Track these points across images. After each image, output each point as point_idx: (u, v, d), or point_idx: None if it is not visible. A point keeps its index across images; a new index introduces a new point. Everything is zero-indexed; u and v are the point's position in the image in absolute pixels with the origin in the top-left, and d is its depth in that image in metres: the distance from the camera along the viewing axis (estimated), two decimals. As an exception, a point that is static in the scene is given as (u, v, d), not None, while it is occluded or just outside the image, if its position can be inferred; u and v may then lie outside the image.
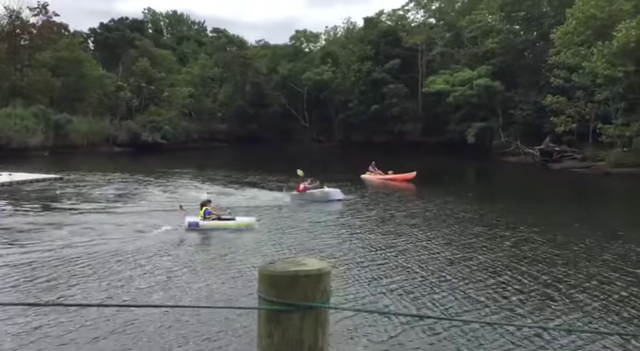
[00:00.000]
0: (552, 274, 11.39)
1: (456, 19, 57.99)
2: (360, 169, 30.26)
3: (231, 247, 13.48)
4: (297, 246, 13.75)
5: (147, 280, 10.41)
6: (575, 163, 38.93)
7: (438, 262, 12.07)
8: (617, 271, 11.73)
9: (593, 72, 36.26)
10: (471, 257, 12.67)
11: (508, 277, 11.10)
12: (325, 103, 63.49)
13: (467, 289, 10.03)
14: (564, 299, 9.75)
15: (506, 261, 12.35)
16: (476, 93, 46.79)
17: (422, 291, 9.93)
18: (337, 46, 68.63)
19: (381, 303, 9.18)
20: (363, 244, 13.92)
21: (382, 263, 11.97)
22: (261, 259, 12.08)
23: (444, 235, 15.26)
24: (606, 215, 19.66)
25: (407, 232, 15.71)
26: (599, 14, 37.57)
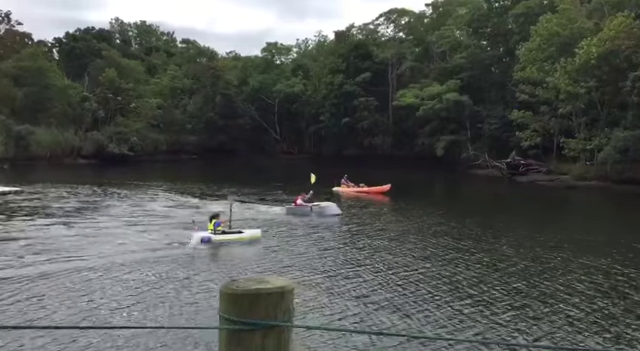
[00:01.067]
0: (520, 287, 11.46)
1: (424, 34, 59.14)
2: (332, 182, 30.26)
3: (206, 263, 13.14)
4: (262, 262, 13.52)
5: (105, 300, 9.78)
6: (540, 176, 39.85)
7: (408, 278, 11.89)
8: (583, 282, 11.89)
9: (556, 87, 37.34)
10: (441, 272, 12.64)
11: (480, 291, 11.10)
12: (296, 115, 63.59)
13: (434, 306, 9.87)
14: (532, 311, 9.79)
15: (478, 275, 12.35)
16: (445, 107, 47.58)
17: (391, 307, 9.72)
18: (308, 59, 69.09)
19: (349, 320, 8.92)
20: (335, 260, 13.73)
21: (353, 279, 11.77)
22: (226, 274, 11.82)
23: (416, 249, 15.18)
24: (571, 227, 20.05)
25: (380, 246, 15.60)
26: (562, 32, 38.82)
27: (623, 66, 34.28)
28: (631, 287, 11.49)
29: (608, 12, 38.52)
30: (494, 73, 50.26)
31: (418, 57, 57.67)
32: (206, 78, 64.67)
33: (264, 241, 15.54)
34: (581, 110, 37.50)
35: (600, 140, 35.16)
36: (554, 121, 39.24)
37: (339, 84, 57.52)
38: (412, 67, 56.79)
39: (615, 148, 33.73)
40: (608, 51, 34.21)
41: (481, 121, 47.32)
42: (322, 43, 72.61)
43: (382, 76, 58.65)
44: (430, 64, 56.16)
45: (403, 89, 53.66)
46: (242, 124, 64.26)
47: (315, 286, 10.98)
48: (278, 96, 63.05)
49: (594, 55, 34.58)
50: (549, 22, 39.55)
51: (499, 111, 45.91)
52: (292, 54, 74.92)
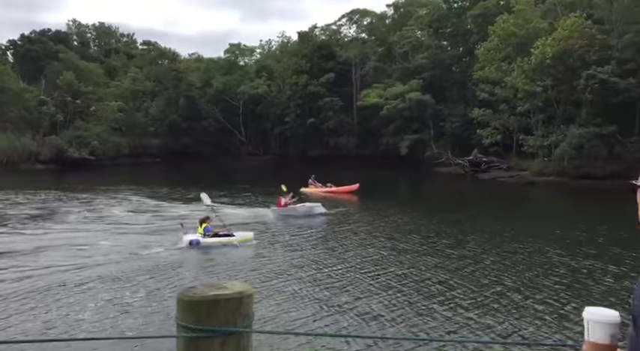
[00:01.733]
0: (488, 283, 11.73)
1: (387, 34, 59.77)
2: (299, 182, 30.25)
3: (174, 269, 12.93)
4: (228, 265, 13.44)
5: (59, 312, 9.44)
6: (501, 173, 40.87)
7: (376, 278, 11.84)
8: (548, 276, 12.28)
9: (514, 86, 38.37)
10: (410, 270, 12.76)
11: (449, 289, 11.30)
12: (261, 116, 63.29)
13: (402, 306, 9.84)
14: (501, 307, 10.05)
15: (446, 273, 12.44)
16: (408, 106, 48.21)
17: (358, 309, 9.64)
18: (272, 60, 68.83)
19: (314, 324, 8.80)
20: (301, 261, 13.72)
21: (319, 280, 11.75)
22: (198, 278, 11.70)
23: (384, 248, 15.21)
24: (532, 223, 20.66)
25: (349, 246, 15.63)
26: (519, 32, 39.91)
27: (576, 65, 35.49)
28: (592, 280, 11.93)
29: (562, 12, 39.81)
30: (455, 72, 51.22)
31: (381, 57, 58.25)
32: (168, 80, 63.63)
33: (244, 245, 15.33)
34: (538, 108, 38.64)
35: (557, 137, 36.31)
36: (513, 118, 40.30)
37: (304, 85, 57.54)
38: (375, 68, 57.32)
39: (571, 144, 34.89)
40: (562, 50, 35.37)
41: (443, 120, 48.17)
42: (286, 43, 72.47)
43: (346, 77, 58.98)
44: (393, 64, 56.81)
45: (367, 89, 54.10)
46: (206, 126, 63.52)
47: (277, 289, 10.90)
48: (242, 97, 62.61)
49: (549, 54, 35.69)
50: (506, 23, 40.61)
51: (460, 109, 46.83)
52: (256, 55, 74.52)
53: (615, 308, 6.15)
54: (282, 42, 73.58)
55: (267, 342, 7.37)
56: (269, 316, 9.01)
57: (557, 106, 38.11)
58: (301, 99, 57.69)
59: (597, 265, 13.09)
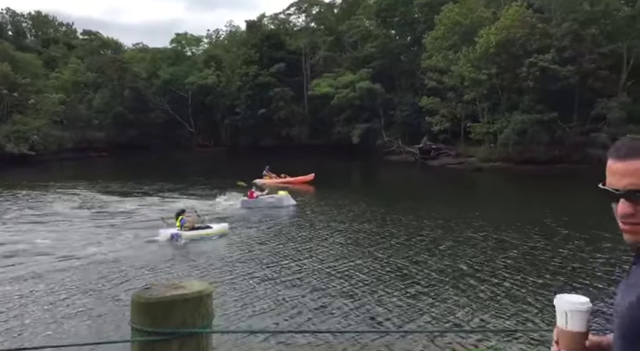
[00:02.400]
0: (444, 268, 12.00)
1: (336, 23, 59.83)
2: (251, 173, 29.91)
3: (126, 267, 12.49)
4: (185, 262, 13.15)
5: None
6: (450, 159, 41.92)
7: (336, 271, 11.73)
8: (500, 259, 12.69)
9: (460, 75, 39.32)
10: (368, 260, 12.86)
11: (406, 277, 11.47)
12: (211, 107, 62.18)
13: (361, 298, 9.80)
14: (461, 294, 10.29)
15: (403, 260, 12.62)
16: (358, 95, 48.55)
17: (318, 303, 9.52)
18: (220, 50, 67.59)
19: (274, 320, 8.64)
20: (261, 256, 13.55)
21: (281, 275, 11.58)
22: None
23: (343, 239, 15.20)
24: (480, 207, 21.29)
25: (306, 237, 15.56)
26: (464, 21, 40.84)
27: (519, 53, 36.69)
28: (543, 261, 12.41)
29: (504, 2, 41.00)
30: (404, 61, 51.92)
31: (331, 46, 58.28)
32: (112, 71, 61.37)
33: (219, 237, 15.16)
34: (484, 96, 39.77)
35: (501, 124, 37.54)
36: (460, 106, 41.32)
37: (254, 75, 56.88)
38: (325, 57, 57.32)
39: (514, 130, 36.17)
40: (505, 39, 36.46)
41: (393, 108, 48.82)
42: (234, 33, 71.32)
43: (296, 66, 58.71)
44: (343, 53, 56.97)
45: (317, 79, 54.07)
46: (154, 118, 61.82)
47: (237, 284, 10.70)
48: (191, 88, 61.25)
49: (493, 43, 36.74)
50: (451, 12, 41.45)
51: (410, 98, 47.58)
52: (203, 45, 72.97)
53: (568, 286, 6.32)
54: (231, 32, 72.46)
55: (228, 341, 7.25)
56: (230, 313, 8.84)
57: (501, 93, 39.34)
58: (251, 89, 57.03)
59: (548, 247, 13.65)
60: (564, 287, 9.84)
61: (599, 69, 35.24)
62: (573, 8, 37.62)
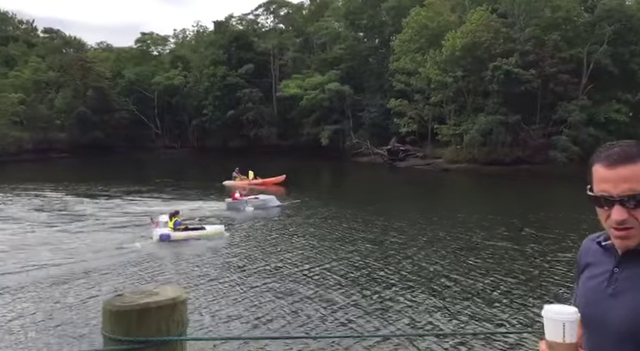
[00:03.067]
0: (415, 270, 12.10)
1: (304, 25, 59.86)
2: (220, 175, 29.56)
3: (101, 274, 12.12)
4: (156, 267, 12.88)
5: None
6: (418, 161, 42.46)
7: (308, 275, 11.63)
8: (470, 259, 12.88)
9: (427, 77, 39.89)
10: (341, 264, 12.85)
11: (376, 281, 11.50)
12: (178, 108, 61.25)
13: (335, 303, 9.73)
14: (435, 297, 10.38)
15: (374, 263, 12.63)
16: (327, 97, 48.69)
17: (292, 308, 9.38)
18: (188, 50, 66.69)
19: (248, 326, 8.50)
20: (233, 261, 13.40)
21: (255, 280, 11.48)
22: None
23: (315, 241, 15.14)
24: (449, 208, 21.61)
25: (279, 241, 15.47)
26: (430, 24, 41.46)
27: (484, 57, 37.47)
28: (509, 262, 12.66)
29: (469, 6, 41.81)
30: (372, 63, 52.34)
31: (299, 48, 58.26)
32: (74, 70, 59.73)
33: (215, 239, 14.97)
34: (450, 98, 40.44)
35: (467, 125, 38.24)
36: (427, 108, 41.91)
37: (222, 76, 56.33)
38: (294, 58, 57.27)
39: (479, 131, 36.91)
40: (470, 43, 37.19)
41: (362, 110, 49.15)
42: (201, 33, 70.46)
43: (265, 67, 58.45)
44: (311, 54, 57.02)
45: (286, 80, 53.97)
46: (118, 119, 60.46)
47: (211, 291, 10.44)
48: (157, 88, 60.18)
49: (459, 46, 37.41)
50: (418, 15, 42.03)
51: (378, 100, 47.99)
52: (170, 45, 71.88)
53: (539, 285, 6.39)
54: (198, 32, 71.51)
55: (204, 348, 7.11)
56: (205, 320, 8.65)
57: (467, 96, 40.09)
58: (219, 90, 56.48)
59: (515, 247, 13.93)
60: (535, 292, 9.99)
61: (561, 73, 36.29)
62: (535, 14, 38.67)
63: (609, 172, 1.39)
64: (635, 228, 1.39)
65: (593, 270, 1.56)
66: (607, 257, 1.52)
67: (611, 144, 1.46)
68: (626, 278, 1.43)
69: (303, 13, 63.80)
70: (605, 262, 1.52)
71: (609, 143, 1.48)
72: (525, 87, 35.85)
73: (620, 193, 1.38)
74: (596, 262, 1.56)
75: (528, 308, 9.06)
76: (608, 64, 36.49)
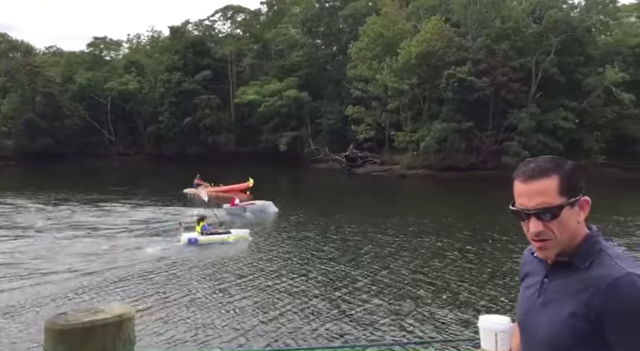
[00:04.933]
0: (378, 276, 12.19)
1: (262, 31, 59.76)
2: (178, 183, 28.96)
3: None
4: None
5: None
6: (375, 167, 43.00)
7: (262, 286, 11.41)
8: (429, 265, 13.07)
9: (384, 84, 40.51)
10: (298, 271, 12.86)
11: (336, 291, 11.51)
12: (132, 114, 59.86)
13: (291, 314, 9.61)
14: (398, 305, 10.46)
15: (335, 273, 12.62)
16: (285, 103, 48.71)
17: (244, 320, 9.16)
18: (142, 55, 65.33)
19: (197, 340, 8.25)
20: (186, 273, 13.18)
21: (205, 292, 11.42)
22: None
23: (273, 249, 15.03)
24: (403, 211, 21.93)
25: (234, 253, 15.34)
26: (386, 33, 42.16)
27: (438, 65, 38.36)
28: (469, 261, 12.93)
29: (424, 15, 42.79)
30: (330, 70, 52.74)
31: (257, 54, 58.09)
32: (22, 75, 57.52)
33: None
34: (406, 105, 41.17)
35: (423, 132, 39.00)
36: (384, 115, 42.52)
37: (178, 82, 55.49)
38: (252, 65, 57.06)
39: (434, 138, 37.72)
40: (425, 51, 38.01)
41: (320, 117, 49.40)
42: (156, 38, 69.23)
43: (222, 74, 57.96)
44: (269, 61, 56.94)
45: (244, 86, 53.70)
46: (70, 125, 58.47)
47: (160, 307, 10.03)
48: (110, 94, 58.65)
49: (414, 54, 38.18)
50: (375, 23, 42.69)
51: (336, 106, 48.36)
52: (124, 50, 70.29)
53: (487, 297, 6.49)
54: (153, 37, 70.25)
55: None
56: (153, 336, 8.38)
57: (423, 103, 40.92)
58: (175, 96, 55.59)
59: (471, 252, 14.24)
60: (481, 301, 10.17)
61: (511, 81, 37.53)
62: (486, 24, 39.93)
63: (525, 187, 1.47)
64: (551, 239, 1.45)
65: (529, 280, 1.62)
66: (539, 267, 1.59)
67: (529, 160, 1.53)
68: (552, 289, 1.50)
69: (261, 20, 63.69)
70: (538, 272, 1.58)
71: (529, 159, 1.55)
72: (478, 95, 36.88)
73: (535, 206, 1.44)
74: (532, 271, 1.62)
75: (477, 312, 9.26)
76: (555, 73, 37.99)
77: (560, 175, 1.45)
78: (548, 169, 1.46)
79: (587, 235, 1.48)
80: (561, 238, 1.45)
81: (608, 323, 1.36)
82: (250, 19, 63.63)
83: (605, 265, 1.42)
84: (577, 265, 1.46)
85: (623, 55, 40.48)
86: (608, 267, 1.41)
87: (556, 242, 1.45)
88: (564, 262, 1.48)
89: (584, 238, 1.48)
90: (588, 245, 1.47)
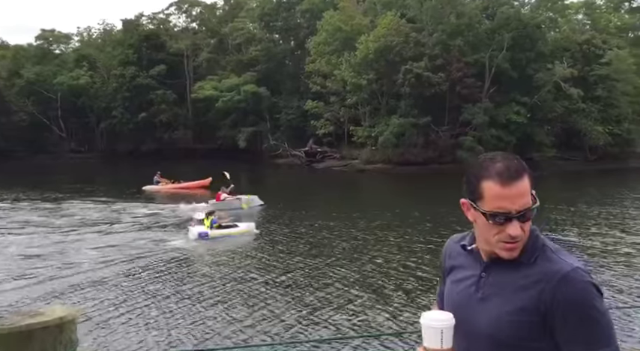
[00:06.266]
0: (339, 273, 12.21)
1: (218, 26, 58.86)
2: (136, 180, 28.20)
3: None
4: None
5: None
6: (335, 162, 43.18)
7: (221, 285, 11.15)
8: (388, 260, 13.19)
9: (343, 79, 40.67)
10: (255, 271, 12.75)
11: (293, 289, 11.47)
12: (84, 110, 57.88)
13: (239, 310, 9.50)
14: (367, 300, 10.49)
15: (291, 270, 12.61)
16: (244, 98, 48.22)
17: (187, 323, 8.84)
18: (94, 49, 63.18)
19: (143, 342, 8.00)
20: (128, 272, 12.86)
21: (151, 293, 11.17)
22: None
23: (242, 247, 14.84)
24: (363, 206, 22.11)
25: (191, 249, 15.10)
26: (344, 27, 42.29)
27: (396, 60, 38.79)
28: (430, 252, 13.12)
29: (380, 11, 43.14)
30: (288, 65, 52.53)
31: (214, 49, 57.17)
32: (-36, 69, 54.80)
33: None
34: (365, 100, 41.48)
35: (381, 127, 39.41)
36: (343, 110, 42.72)
37: (132, 76, 54.01)
38: (209, 59, 56.13)
39: (392, 133, 38.18)
40: (382, 46, 38.36)
41: (279, 112, 49.17)
42: (109, 31, 67.11)
43: (178, 68, 56.79)
44: (227, 56, 56.19)
45: (201, 81, 52.81)
46: (16, 122, 56.04)
47: (105, 309, 9.59)
48: (60, 89, 56.46)
49: (372, 50, 38.47)
50: (333, 18, 42.75)
51: (295, 102, 48.23)
52: (74, 43, 67.78)
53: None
54: (105, 30, 68.02)
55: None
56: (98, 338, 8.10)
57: (381, 98, 41.32)
58: (129, 91, 54.13)
59: (430, 243, 14.48)
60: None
61: (466, 77, 38.38)
62: (441, 20, 40.62)
63: (506, 190, 1.41)
64: (521, 240, 1.45)
65: (458, 273, 1.60)
66: (472, 261, 1.57)
67: (491, 158, 1.47)
68: (492, 284, 1.49)
69: (217, 14, 62.68)
70: (471, 266, 1.56)
71: (487, 156, 1.49)
72: (435, 90, 37.53)
73: (518, 208, 1.41)
74: (461, 265, 1.60)
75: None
76: (508, 69, 39.08)
77: (528, 174, 1.44)
78: (521, 169, 1.43)
79: (530, 230, 1.49)
80: (526, 236, 1.46)
81: (558, 316, 1.38)
82: (206, 13, 62.52)
83: (551, 260, 1.45)
84: (522, 261, 1.46)
85: (571, 52, 42.07)
86: (554, 262, 1.44)
87: (522, 242, 1.45)
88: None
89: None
90: (532, 241, 1.48)
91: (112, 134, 57.32)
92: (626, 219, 18.24)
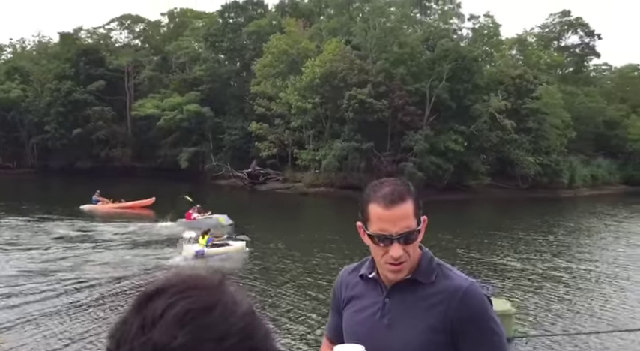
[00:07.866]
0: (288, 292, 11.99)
1: (162, 43, 57.89)
2: (70, 199, 26.76)
3: None
4: None
5: None
6: (278, 184, 42.97)
7: None
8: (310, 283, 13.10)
9: (288, 102, 40.85)
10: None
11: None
12: (14, 124, 54.86)
13: None
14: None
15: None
16: (186, 118, 47.36)
17: None
18: (27, 61, 60.37)
19: None
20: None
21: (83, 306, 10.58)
22: None
23: None
24: (305, 229, 22.05)
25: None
26: (290, 51, 42.69)
27: (340, 85, 39.41)
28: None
29: (326, 37, 43.93)
30: (233, 86, 52.21)
31: (157, 66, 56.06)
32: None
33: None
34: (309, 124, 41.76)
35: (325, 151, 39.72)
36: (287, 133, 42.77)
37: (68, 91, 51.83)
38: (151, 77, 54.92)
39: (335, 157, 38.57)
40: (328, 71, 38.95)
41: (222, 133, 48.57)
42: (44, 44, 64.42)
43: (119, 85, 55.13)
44: (170, 74, 55.20)
45: (142, 99, 51.48)
46: (-63, 135, 52.41)
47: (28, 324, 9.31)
48: (-11, 102, 53.39)
49: (317, 74, 38.98)
50: (279, 41, 43.07)
51: (239, 123, 47.84)
52: (6, 55, 64.53)
53: None
54: (40, 42, 65.24)
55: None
56: None
57: (325, 122, 41.75)
58: (64, 106, 51.89)
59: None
60: None
61: (407, 105, 39.50)
62: (385, 48, 41.85)
63: (387, 213, 1.47)
64: (407, 261, 1.50)
65: (359, 303, 1.62)
66: (372, 289, 1.60)
67: (381, 183, 1.56)
68: (397, 308, 1.53)
69: (161, 31, 61.72)
70: (371, 294, 1.59)
71: (378, 182, 1.58)
72: (378, 116, 38.34)
73: (399, 231, 1.46)
74: (361, 294, 1.62)
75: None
76: (447, 99, 40.59)
77: (413, 199, 1.51)
78: (405, 193, 1.49)
79: (424, 252, 1.56)
80: (413, 258, 1.50)
81: (463, 330, 1.44)
82: (150, 30, 61.41)
83: (449, 277, 1.52)
84: (422, 282, 1.51)
85: (505, 85, 44.31)
86: (452, 279, 1.51)
87: (409, 263, 1.50)
88: (406, 281, 1.52)
89: (420, 255, 1.55)
90: (427, 262, 1.54)
91: (44, 150, 54.58)
92: (554, 244, 19.15)
